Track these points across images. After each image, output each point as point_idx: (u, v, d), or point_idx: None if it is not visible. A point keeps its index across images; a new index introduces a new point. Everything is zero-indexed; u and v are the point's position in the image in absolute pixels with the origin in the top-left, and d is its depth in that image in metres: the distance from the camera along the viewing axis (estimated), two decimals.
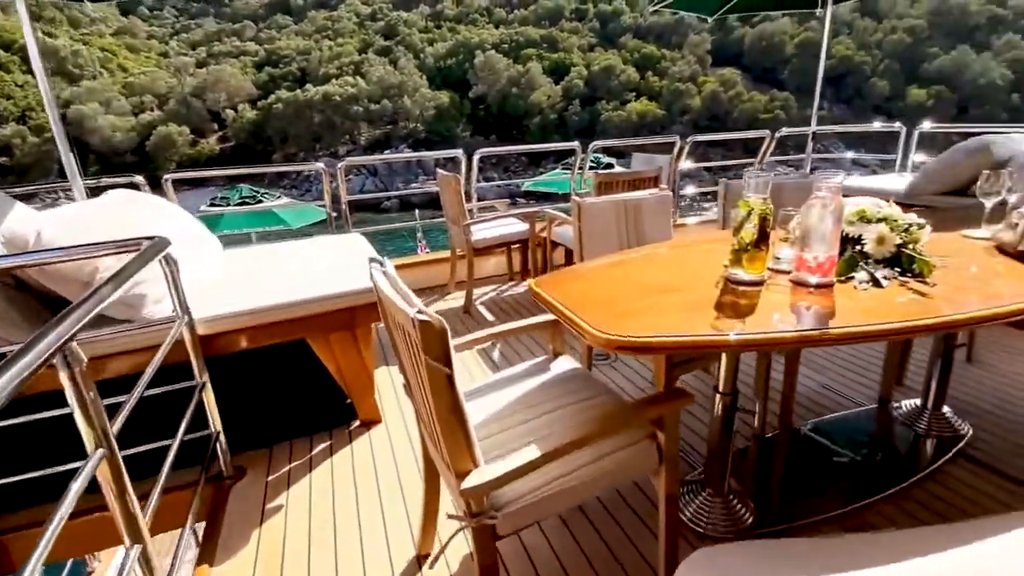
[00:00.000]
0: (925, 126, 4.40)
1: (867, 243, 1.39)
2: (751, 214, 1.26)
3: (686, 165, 4.46)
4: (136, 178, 3.28)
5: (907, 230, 1.40)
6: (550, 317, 1.44)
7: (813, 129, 4.64)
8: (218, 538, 1.71)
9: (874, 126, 4.90)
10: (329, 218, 3.64)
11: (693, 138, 4.32)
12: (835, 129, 5.82)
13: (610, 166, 7.51)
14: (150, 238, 1.59)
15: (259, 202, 6.53)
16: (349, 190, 3.75)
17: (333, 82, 35.49)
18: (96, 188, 2.95)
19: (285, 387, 2.15)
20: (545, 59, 39.04)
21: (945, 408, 2.06)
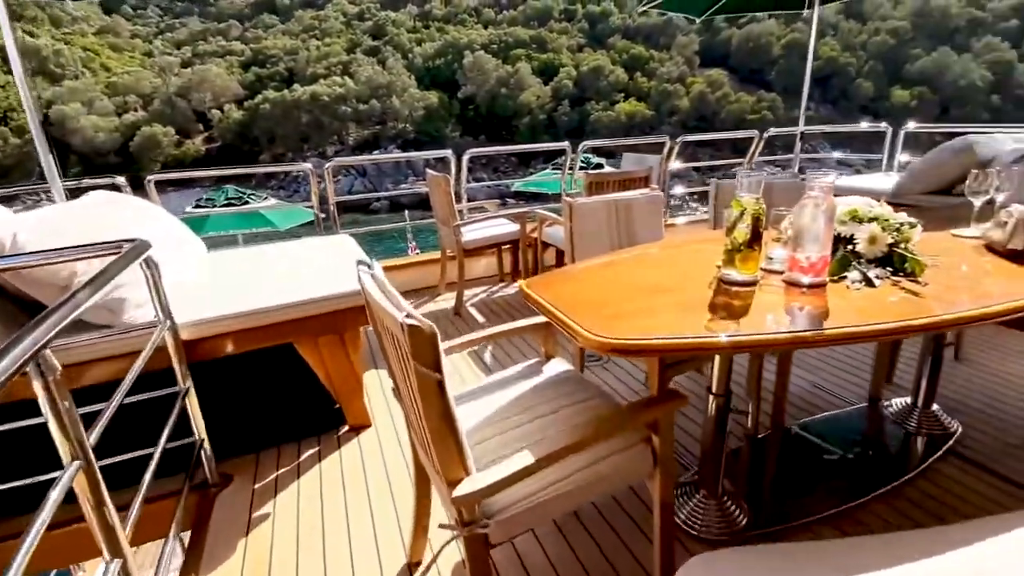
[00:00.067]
0: (910, 126, 4.45)
1: (859, 243, 1.39)
2: (744, 214, 1.25)
3: (675, 165, 4.47)
4: (117, 179, 3.20)
5: (898, 229, 1.40)
6: (542, 319, 1.42)
7: (801, 129, 4.68)
8: (203, 547, 1.67)
9: (861, 126, 4.95)
10: (317, 219, 3.59)
11: (683, 138, 4.32)
12: (823, 129, 5.87)
13: (600, 166, 7.51)
14: (130, 241, 1.55)
15: (246, 203, 6.44)
16: (338, 191, 3.70)
17: (321, 82, 35.22)
18: (77, 190, 2.88)
19: (272, 392, 2.11)
20: (534, 59, 39.08)
21: (935, 406, 2.07)
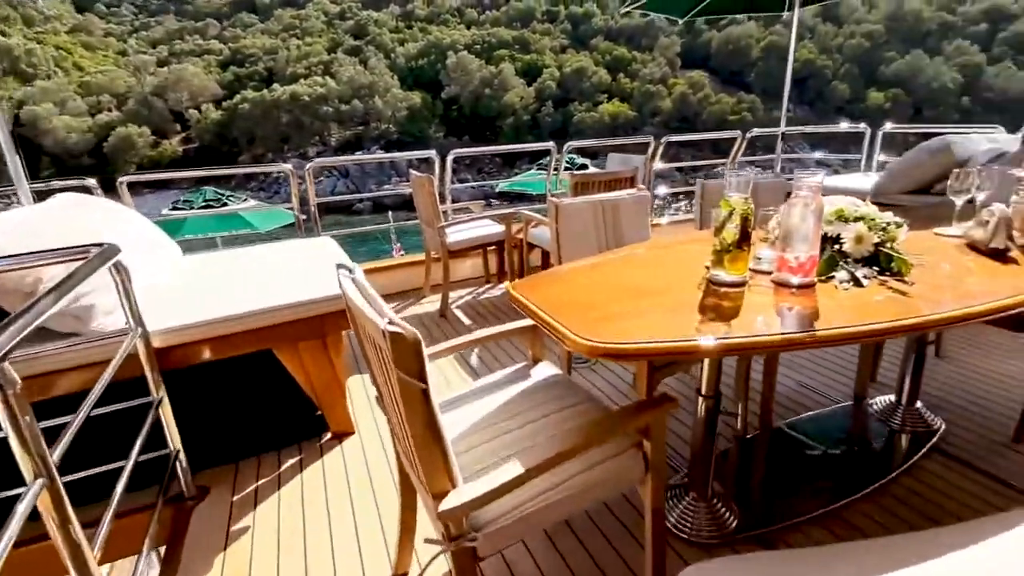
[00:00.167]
0: (888, 127, 4.53)
1: (846, 242, 1.38)
2: (732, 214, 1.23)
3: (659, 166, 4.48)
4: (88, 181, 3.09)
5: (884, 229, 1.40)
6: (529, 322, 1.39)
7: (782, 130, 4.73)
8: (179, 562, 1.60)
9: (842, 127, 5.03)
10: (298, 221, 3.51)
11: (667, 138, 4.34)
12: (804, 130, 5.95)
13: (584, 167, 7.51)
14: (98, 245, 1.48)
15: (224, 205, 6.29)
16: (320, 192, 3.64)
17: (301, 82, 34.74)
18: (45, 192, 2.77)
19: (250, 400, 2.04)
20: (517, 60, 39.09)
21: (918, 404, 2.09)
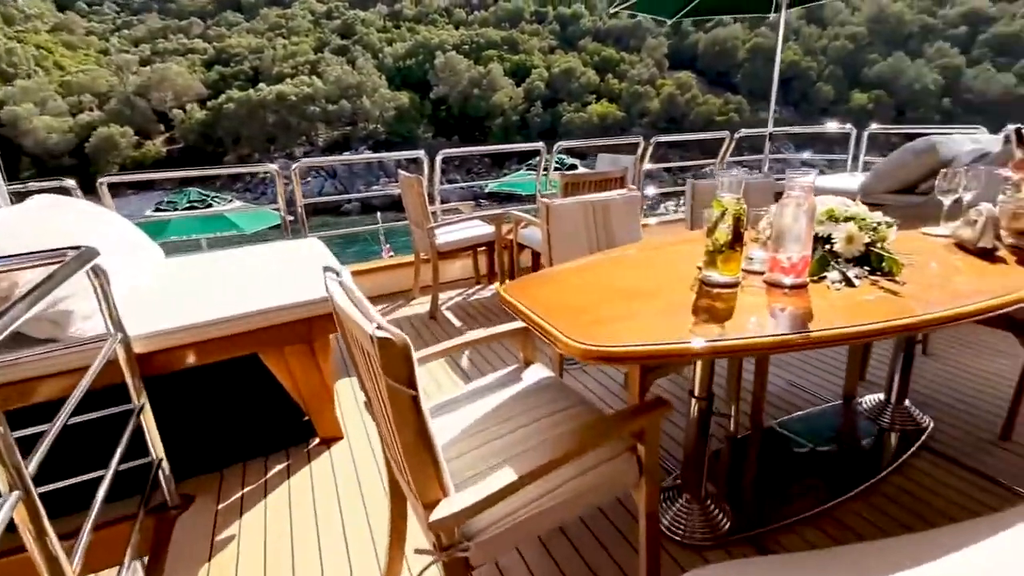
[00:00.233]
0: (873, 127, 4.58)
1: (837, 242, 1.38)
2: (725, 214, 1.22)
3: (648, 166, 4.49)
4: (66, 182, 3.01)
5: (875, 229, 1.40)
6: (520, 324, 1.37)
7: (770, 130, 4.76)
8: (162, 573, 1.56)
9: (829, 127, 5.08)
10: (284, 222, 3.45)
11: (657, 139, 4.34)
12: (792, 130, 6.00)
13: (574, 167, 7.52)
14: (75, 248, 1.43)
15: (209, 206, 6.18)
16: (307, 193, 3.60)
17: (288, 82, 34.41)
18: (23, 193, 2.69)
19: (236, 406, 2.00)
20: (506, 61, 39.09)
21: (906, 402, 2.10)
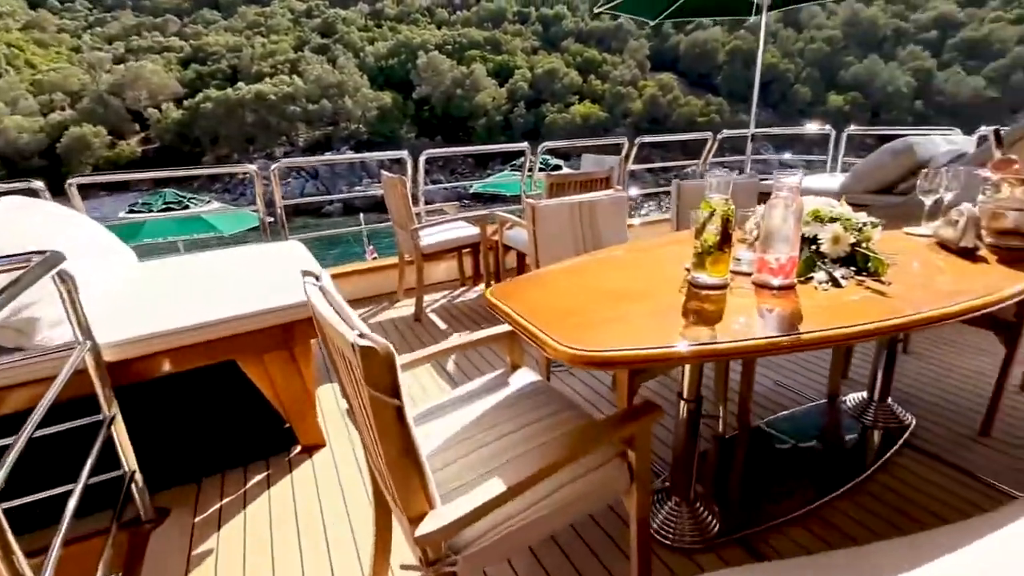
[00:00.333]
0: (852, 128, 4.66)
1: (823, 243, 1.38)
2: (713, 215, 1.21)
3: (632, 166, 4.50)
4: (34, 183, 2.89)
5: (860, 229, 1.40)
6: (506, 327, 1.35)
7: (752, 131, 4.81)
8: None
9: (809, 129, 5.16)
10: (263, 224, 3.37)
11: (641, 139, 4.36)
12: (773, 131, 6.09)
13: (558, 167, 7.52)
14: (40, 252, 1.36)
15: (186, 207, 6.03)
16: (288, 194, 3.53)
17: (267, 81, 33.84)
18: None
19: (213, 414, 1.93)
20: (489, 61, 39.03)
21: (889, 400, 2.12)
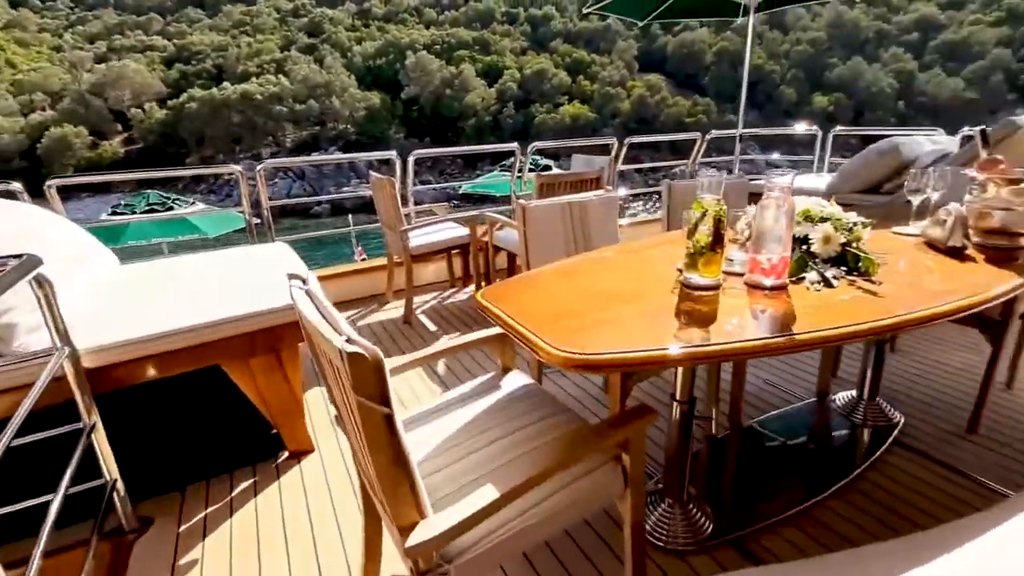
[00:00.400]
0: (837, 129, 4.71)
1: (814, 243, 1.38)
2: (705, 215, 1.20)
3: (621, 166, 4.51)
4: (12, 184, 2.82)
5: (850, 229, 1.40)
6: (497, 330, 1.33)
7: (740, 132, 4.84)
8: None
9: (797, 129, 5.20)
10: (249, 226, 3.32)
11: (630, 139, 4.36)
12: (761, 132, 6.12)
13: (547, 168, 7.52)
14: (16, 256, 1.32)
15: (170, 209, 5.93)
16: (275, 195, 3.48)
17: (253, 80, 33.48)
18: None
19: (197, 421, 1.89)
20: (478, 61, 38.98)
21: (878, 398, 2.14)
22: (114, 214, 5.70)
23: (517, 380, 1.47)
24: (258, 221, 3.40)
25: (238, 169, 3.30)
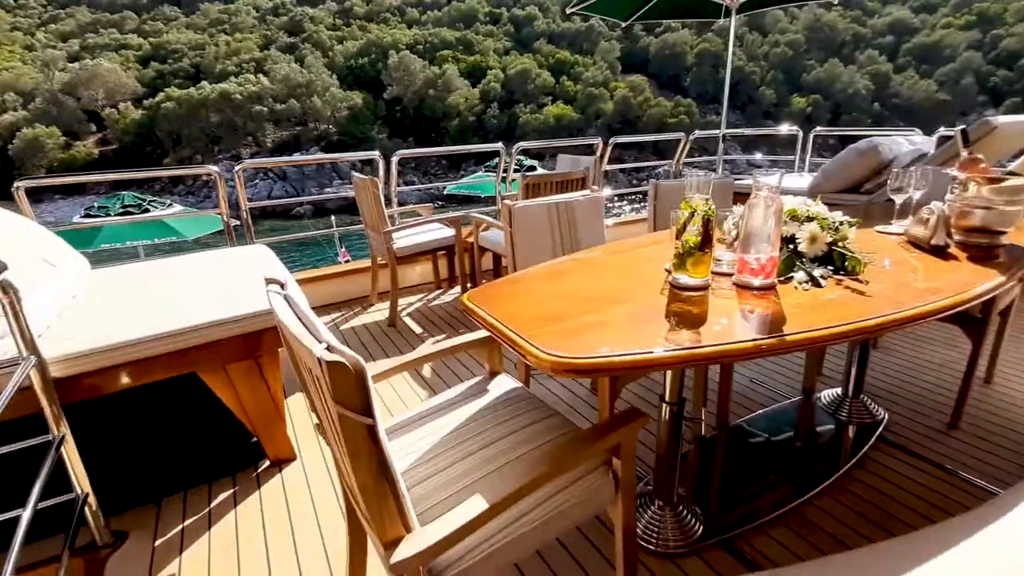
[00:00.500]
0: (818, 130, 4.77)
1: (801, 242, 1.38)
2: (694, 215, 1.19)
3: (606, 167, 4.51)
4: None
5: (836, 228, 1.41)
6: (484, 333, 1.30)
7: (723, 132, 4.88)
8: None
9: (782, 130, 5.26)
10: (227, 228, 3.23)
11: (615, 139, 4.37)
12: (744, 132, 6.19)
13: (532, 168, 7.51)
14: None
15: (146, 211, 5.77)
16: (256, 196, 3.41)
17: (232, 80, 32.95)
18: None
19: (173, 430, 1.82)
20: (461, 61, 38.88)
21: (862, 395, 2.15)
22: (87, 216, 5.53)
23: (505, 384, 1.44)
24: (237, 223, 3.32)
25: (215, 169, 3.21)
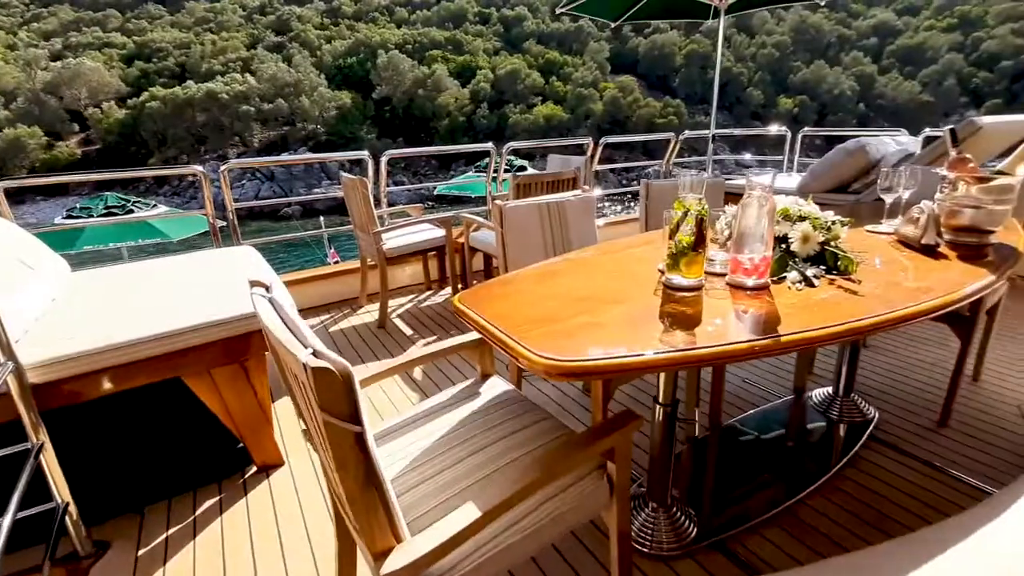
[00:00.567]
0: (806, 130, 4.81)
1: (793, 242, 1.38)
2: (687, 215, 1.18)
3: (597, 167, 4.51)
4: None
5: (828, 228, 1.40)
6: (476, 335, 1.28)
7: (712, 132, 4.90)
8: None
9: (771, 130, 5.30)
10: (213, 229, 3.18)
11: (606, 139, 4.37)
12: (734, 132, 6.23)
13: (523, 168, 7.49)
14: None
15: (130, 212, 5.67)
16: (243, 196, 3.34)
17: (218, 79, 32.57)
18: None
19: (156, 437, 1.78)
20: (451, 61, 38.78)
21: (853, 394, 2.16)
22: (69, 217, 5.42)
23: (497, 386, 1.42)
24: (223, 224, 3.26)
25: (200, 169, 3.16)
